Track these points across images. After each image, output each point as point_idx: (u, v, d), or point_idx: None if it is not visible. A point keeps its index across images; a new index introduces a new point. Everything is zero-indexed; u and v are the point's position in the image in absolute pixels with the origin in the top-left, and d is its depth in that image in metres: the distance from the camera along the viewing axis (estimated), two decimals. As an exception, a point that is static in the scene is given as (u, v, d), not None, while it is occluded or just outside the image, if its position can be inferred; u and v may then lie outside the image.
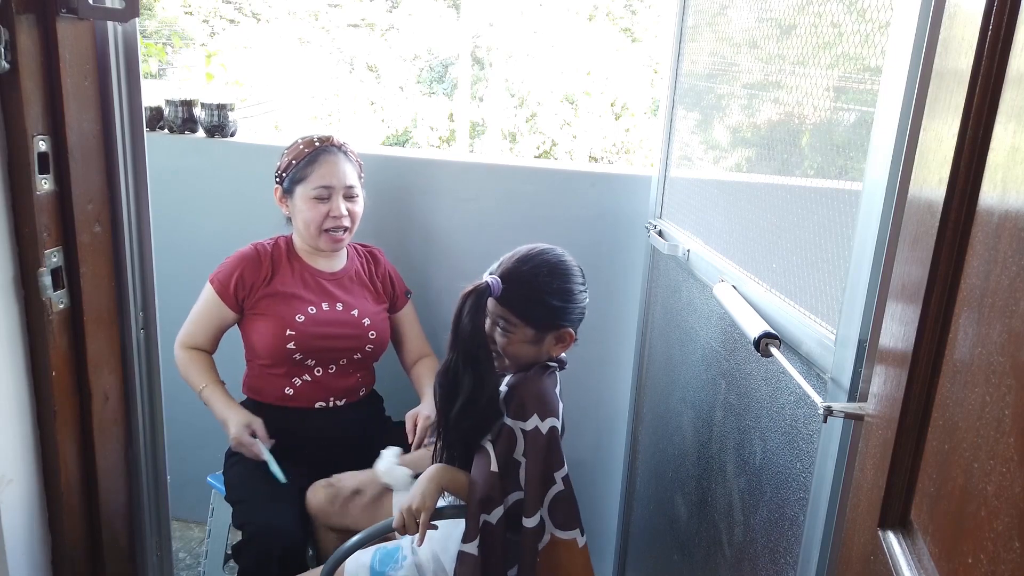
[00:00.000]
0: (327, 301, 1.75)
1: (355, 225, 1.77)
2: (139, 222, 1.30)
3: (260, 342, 1.71)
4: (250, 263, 1.73)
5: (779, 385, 1.13)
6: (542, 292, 1.31)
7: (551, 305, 1.32)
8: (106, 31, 1.18)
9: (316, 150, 1.73)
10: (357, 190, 1.77)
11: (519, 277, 1.32)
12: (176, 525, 2.34)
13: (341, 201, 1.73)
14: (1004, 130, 0.53)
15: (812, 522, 1.00)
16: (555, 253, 1.38)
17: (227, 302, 1.71)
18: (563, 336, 1.35)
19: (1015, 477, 0.46)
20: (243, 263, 1.73)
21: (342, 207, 1.72)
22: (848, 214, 0.97)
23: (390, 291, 1.89)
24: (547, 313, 1.32)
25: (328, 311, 1.75)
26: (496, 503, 1.27)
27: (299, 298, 1.73)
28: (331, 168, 1.72)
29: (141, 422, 1.36)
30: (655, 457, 1.84)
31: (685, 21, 1.71)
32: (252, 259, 1.74)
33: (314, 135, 1.77)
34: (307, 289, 1.75)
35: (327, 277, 1.79)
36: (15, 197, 1.08)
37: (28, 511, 1.18)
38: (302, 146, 1.74)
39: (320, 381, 1.75)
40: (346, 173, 1.74)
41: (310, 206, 1.71)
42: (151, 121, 2.13)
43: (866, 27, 0.94)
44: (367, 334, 1.77)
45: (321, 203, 1.71)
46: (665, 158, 1.82)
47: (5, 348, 1.10)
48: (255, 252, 1.75)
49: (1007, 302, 0.49)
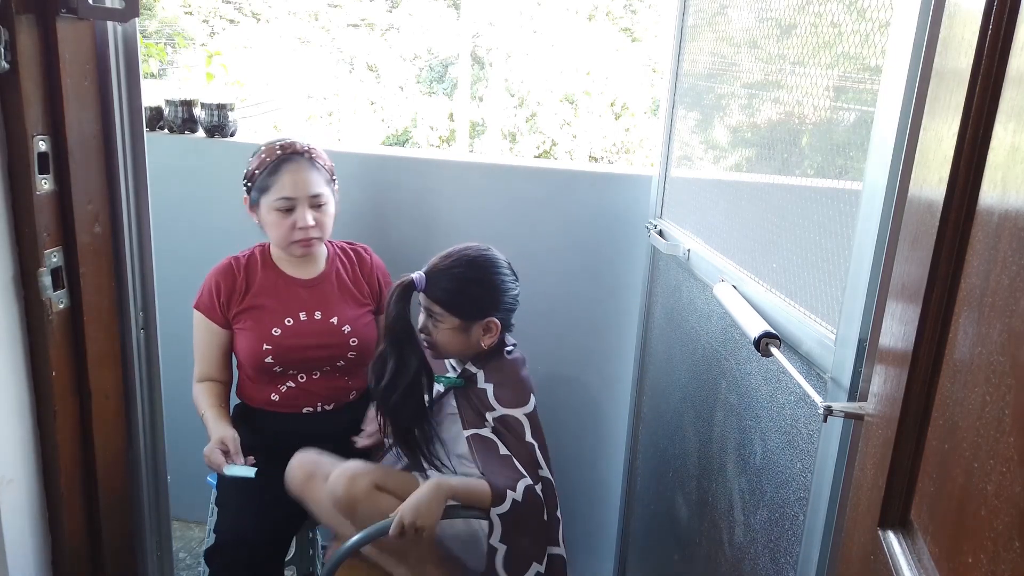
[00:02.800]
0: (304, 311, 1.70)
1: (326, 232, 1.70)
2: (139, 222, 1.30)
3: (241, 355, 1.70)
4: (224, 277, 1.69)
5: (779, 385, 1.13)
6: (462, 283, 1.45)
7: (471, 294, 1.46)
8: (106, 31, 1.18)
9: (278, 159, 1.63)
10: (325, 197, 1.67)
11: (441, 271, 1.46)
12: (176, 525, 2.34)
13: (307, 211, 1.64)
14: (1004, 130, 0.53)
15: (812, 522, 1.00)
16: (477, 248, 1.50)
17: (216, 320, 1.68)
18: (489, 326, 1.48)
19: (1015, 477, 0.46)
20: (217, 278, 1.69)
21: (308, 217, 1.63)
22: (848, 214, 0.97)
23: (377, 291, 1.82)
24: (469, 303, 1.45)
25: (306, 321, 1.69)
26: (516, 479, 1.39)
27: (275, 310, 1.68)
28: (294, 177, 1.62)
29: (141, 422, 1.36)
30: (655, 457, 1.84)
31: (685, 21, 1.71)
32: (225, 273, 1.70)
33: (276, 141, 1.67)
34: (283, 300, 1.70)
35: (304, 285, 1.73)
36: (15, 197, 1.08)
37: (28, 511, 1.18)
38: (264, 155, 1.65)
39: (305, 387, 1.72)
40: (310, 181, 1.64)
41: (275, 218, 1.64)
42: (151, 121, 2.13)
43: (866, 27, 0.94)
44: (348, 342, 1.71)
45: (286, 215, 1.63)
46: (665, 158, 1.82)
47: (5, 348, 1.10)
48: (228, 266, 1.71)
49: (1007, 302, 0.49)
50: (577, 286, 2.07)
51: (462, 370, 1.52)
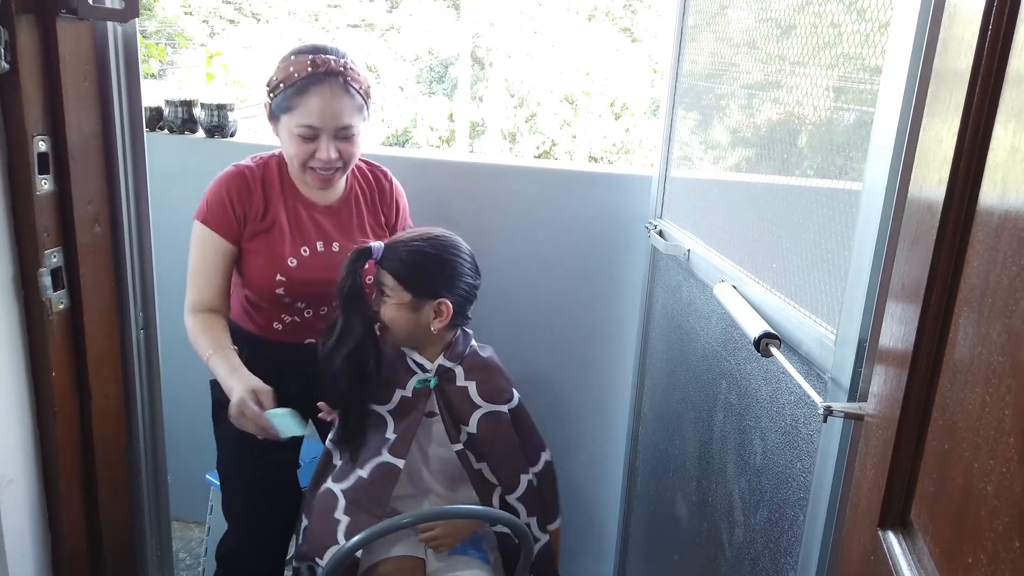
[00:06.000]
0: (322, 240, 1.55)
1: (350, 164, 1.51)
2: (139, 222, 1.30)
3: (250, 282, 1.54)
4: (238, 188, 1.49)
5: (779, 385, 1.13)
6: (418, 255, 1.39)
7: (426, 269, 1.40)
8: (106, 31, 1.18)
9: (309, 77, 1.41)
10: (355, 129, 1.47)
11: (400, 243, 1.41)
12: (176, 525, 2.34)
13: (331, 143, 1.45)
14: (1004, 130, 0.53)
15: (812, 522, 1.00)
16: (441, 231, 1.46)
17: (228, 236, 1.49)
18: (440, 309, 1.41)
19: (1015, 477, 0.46)
20: (228, 188, 1.49)
21: (331, 150, 1.45)
22: (848, 214, 0.97)
23: (392, 223, 1.67)
24: (423, 278, 1.40)
25: (323, 252, 1.54)
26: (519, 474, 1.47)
27: (292, 237, 1.52)
28: (323, 104, 1.42)
29: (141, 422, 1.36)
30: (655, 457, 1.84)
31: (685, 21, 1.71)
32: (239, 183, 1.49)
33: (309, 53, 1.44)
34: (300, 227, 1.53)
35: (322, 211, 1.56)
36: (15, 197, 1.08)
37: (28, 511, 1.18)
38: (292, 67, 1.43)
39: (310, 322, 1.60)
40: (341, 111, 1.43)
41: (294, 142, 1.45)
42: (151, 121, 2.12)
43: (866, 27, 0.94)
44: None
45: (307, 142, 1.44)
46: (665, 158, 1.82)
47: (5, 348, 1.10)
48: (241, 175, 1.50)
49: (1007, 302, 0.49)
50: (577, 286, 2.07)
51: (437, 367, 1.45)
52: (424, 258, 1.40)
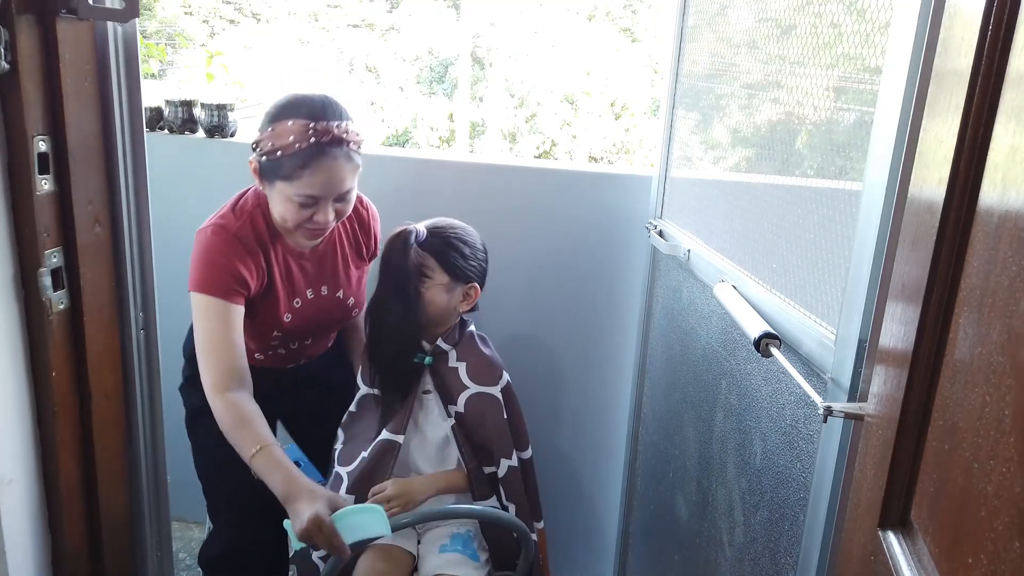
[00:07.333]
0: (311, 287, 1.54)
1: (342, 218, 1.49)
2: (139, 222, 1.29)
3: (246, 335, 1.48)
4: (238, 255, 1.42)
5: (779, 385, 1.13)
6: (459, 242, 1.52)
7: (465, 255, 1.52)
8: (106, 31, 1.17)
9: (312, 149, 1.34)
10: (354, 188, 1.44)
11: (439, 231, 1.52)
12: (176, 525, 2.34)
13: (330, 207, 1.40)
14: (1004, 130, 0.53)
15: (812, 522, 1.00)
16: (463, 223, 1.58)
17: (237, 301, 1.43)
18: (470, 292, 1.54)
19: (1015, 477, 0.46)
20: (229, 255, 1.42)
21: (329, 214, 1.41)
22: (848, 214, 0.97)
23: (372, 251, 1.66)
24: (462, 261, 1.51)
25: (313, 299, 1.54)
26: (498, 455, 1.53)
27: (285, 293, 1.50)
28: (327, 176, 1.36)
29: (141, 422, 1.36)
30: (655, 457, 1.84)
31: (685, 21, 1.71)
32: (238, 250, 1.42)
33: (309, 121, 1.34)
34: (292, 280, 1.51)
35: (308, 257, 1.53)
36: (15, 197, 1.08)
37: (28, 511, 1.18)
38: (292, 136, 1.33)
39: (295, 351, 1.63)
40: (344, 179, 1.39)
41: (290, 207, 1.39)
42: (151, 121, 2.12)
43: (866, 27, 0.94)
44: (351, 312, 1.62)
45: (305, 208, 1.39)
46: (665, 158, 1.82)
47: (5, 348, 1.10)
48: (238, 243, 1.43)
49: (1007, 302, 0.49)
50: (577, 286, 2.07)
51: (433, 347, 1.55)
52: (463, 245, 1.52)
